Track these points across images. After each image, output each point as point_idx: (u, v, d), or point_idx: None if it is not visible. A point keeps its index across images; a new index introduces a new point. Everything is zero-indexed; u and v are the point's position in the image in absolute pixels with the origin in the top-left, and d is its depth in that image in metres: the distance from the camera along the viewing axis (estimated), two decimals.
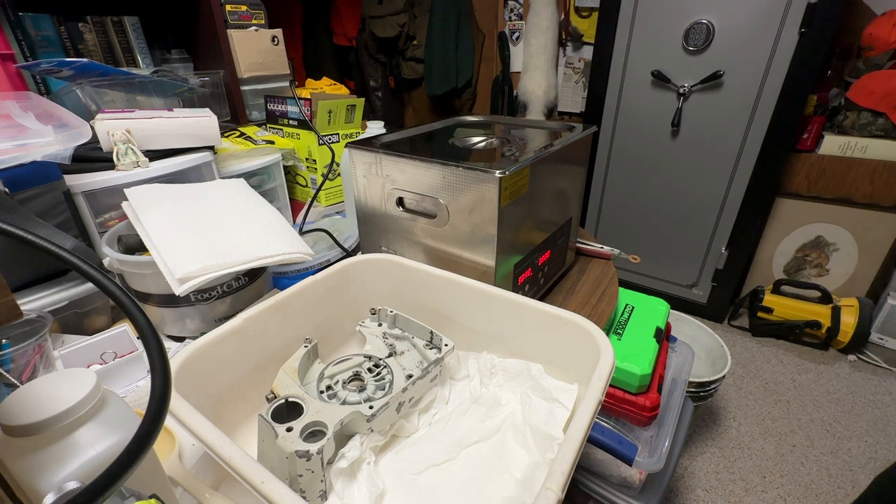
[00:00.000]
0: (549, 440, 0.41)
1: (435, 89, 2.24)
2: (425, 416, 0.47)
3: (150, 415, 0.21)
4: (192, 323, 0.60)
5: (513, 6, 2.13)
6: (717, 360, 1.42)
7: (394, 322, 0.55)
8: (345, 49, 2.34)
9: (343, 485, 0.38)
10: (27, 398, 0.24)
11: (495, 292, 0.49)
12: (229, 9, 1.14)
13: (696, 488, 1.28)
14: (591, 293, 0.76)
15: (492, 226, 0.54)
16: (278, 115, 1.03)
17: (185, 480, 0.39)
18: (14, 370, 0.46)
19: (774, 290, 1.84)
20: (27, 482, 0.22)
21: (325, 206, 1.03)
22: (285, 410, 0.40)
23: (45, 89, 0.94)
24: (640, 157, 1.89)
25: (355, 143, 0.64)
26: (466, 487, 0.40)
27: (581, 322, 0.44)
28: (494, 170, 0.51)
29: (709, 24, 1.57)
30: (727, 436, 1.43)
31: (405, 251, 0.65)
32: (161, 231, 0.54)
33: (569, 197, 0.73)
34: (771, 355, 1.76)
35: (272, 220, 0.63)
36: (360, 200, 0.67)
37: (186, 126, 0.72)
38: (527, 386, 0.48)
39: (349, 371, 0.48)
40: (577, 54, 2.03)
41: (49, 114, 0.62)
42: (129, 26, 1.08)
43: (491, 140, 0.71)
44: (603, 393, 0.36)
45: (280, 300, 0.48)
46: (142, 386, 0.54)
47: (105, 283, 0.21)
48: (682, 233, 1.91)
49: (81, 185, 0.62)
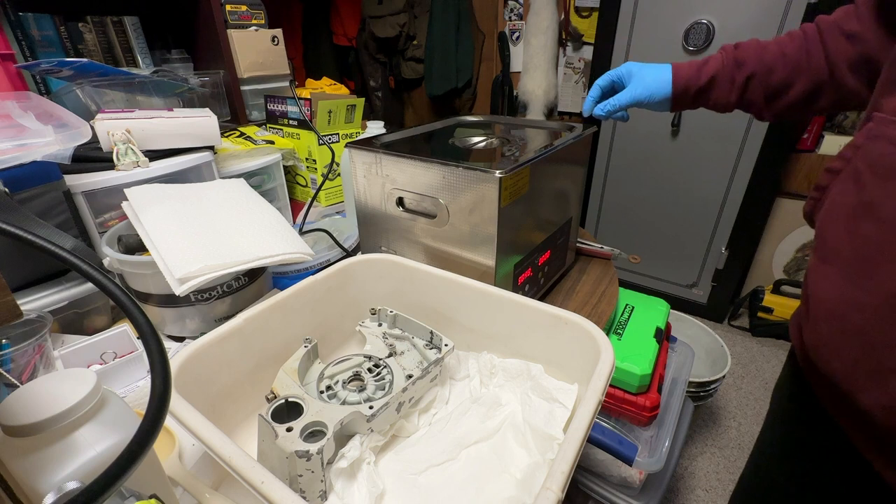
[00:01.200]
0: (549, 440, 0.41)
1: (435, 89, 2.23)
2: (425, 416, 0.47)
3: (150, 415, 0.21)
4: (192, 323, 0.60)
5: (513, 6, 2.12)
6: (717, 360, 1.42)
7: (394, 322, 0.54)
8: (345, 49, 2.33)
9: (343, 485, 0.38)
10: (27, 398, 0.24)
11: (495, 292, 0.49)
12: (229, 9, 1.14)
13: (696, 488, 1.28)
14: (591, 293, 0.76)
15: (492, 226, 0.54)
16: (278, 115, 1.03)
17: (185, 480, 0.38)
18: (14, 370, 0.46)
19: (774, 290, 1.84)
20: (27, 482, 0.22)
21: (325, 206, 1.03)
22: (285, 410, 0.40)
23: (45, 89, 0.94)
24: (640, 157, 1.89)
25: (355, 143, 0.64)
26: (466, 487, 0.40)
27: (581, 322, 0.44)
28: (494, 170, 0.51)
29: (709, 24, 1.57)
30: (727, 436, 1.43)
31: (405, 251, 0.65)
32: (161, 231, 0.54)
33: (569, 197, 0.73)
34: (771, 355, 1.76)
35: (272, 221, 0.63)
36: (360, 200, 0.67)
37: (186, 126, 0.72)
38: (527, 386, 0.48)
39: (349, 371, 0.48)
40: (577, 54, 2.03)
41: (49, 114, 0.62)
42: (129, 26, 1.08)
43: (491, 140, 0.71)
44: (603, 393, 0.36)
45: (280, 300, 0.48)
46: (142, 386, 0.54)
47: (105, 283, 0.21)
48: (682, 233, 1.91)
49: (81, 185, 0.62)
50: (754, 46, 0.57)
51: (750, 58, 0.57)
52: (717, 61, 0.59)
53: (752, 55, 0.57)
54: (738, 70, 0.58)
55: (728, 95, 0.60)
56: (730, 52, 0.59)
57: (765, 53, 0.56)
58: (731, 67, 0.58)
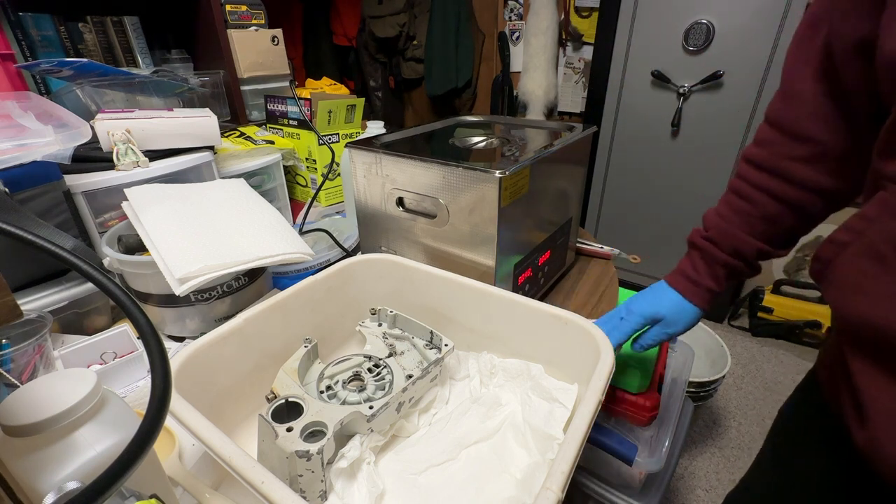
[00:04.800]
0: (549, 440, 0.41)
1: (435, 89, 2.23)
2: (425, 416, 0.47)
3: (150, 415, 0.21)
4: (192, 323, 0.60)
5: (513, 6, 2.12)
6: (717, 360, 1.42)
7: (394, 322, 0.54)
8: (345, 49, 2.33)
9: (343, 485, 0.38)
10: (27, 398, 0.24)
11: (495, 292, 0.49)
12: (229, 9, 1.14)
13: (696, 488, 1.28)
14: (591, 293, 0.76)
15: (492, 226, 0.54)
16: (278, 115, 1.03)
17: (185, 480, 0.39)
18: (14, 370, 0.46)
19: (774, 290, 1.84)
20: (27, 482, 0.22)
21: (325, 206, 1.03)
22: (285, 410, 0.40)
23: (45, 89, 0.94)
24: (640, 157, 1.89)
25: (355, 143, 0.64)
26: (466, 487, 0.40)
27: (581, 322, 0.44)
28: (494, 170, 0.51)
29: (709, 24, 1.57)
30: (727, 436, 1.43)
31: (405, 251, 0.65)
32: (161, 231, 0.54)
33: (569, 197, 0.73)
34: (771, 355, 1.76)
35: (272, 221, 0.63)
36: (360, 200, 0.67)
37: (186, 126, 0.72)
38: (527, 386, 0.48)
39: (349, 371, 0.48)
40: (577, 54, 2.03)
41: (49, 114, 0.62)
42: (129, 26, 1.08)
43: (491, 140, 0.71)
44: (603, 393, 0.36)
45: (280, 300, 0.48)
46: (142, 386, 0.54)
47: (105, 283, 0.21)
48: (682, 233, 1.90)
49: (81, 185, 0.62)
50: (726, 230, 0.50)
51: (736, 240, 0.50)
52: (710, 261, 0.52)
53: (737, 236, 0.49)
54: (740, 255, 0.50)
55: (748, 269, 0.52)
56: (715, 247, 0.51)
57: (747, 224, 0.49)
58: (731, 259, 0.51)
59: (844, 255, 0.36)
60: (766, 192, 0.47)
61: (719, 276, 0.52)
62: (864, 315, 0.34)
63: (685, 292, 0.54)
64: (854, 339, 0.36)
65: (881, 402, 0.34)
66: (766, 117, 0.47)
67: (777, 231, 0.48)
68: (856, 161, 0.41)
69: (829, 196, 0.45)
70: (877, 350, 0.34)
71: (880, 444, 0.35)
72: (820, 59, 0.40)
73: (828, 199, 0.45)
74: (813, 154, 0.43)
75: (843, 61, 0.38)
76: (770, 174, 0.46)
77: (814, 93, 0.41)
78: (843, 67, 0.38)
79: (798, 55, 0.43)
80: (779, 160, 0.46)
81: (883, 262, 0.32)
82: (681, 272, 0.56)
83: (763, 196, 0.47)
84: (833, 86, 0.40)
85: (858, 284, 0.34)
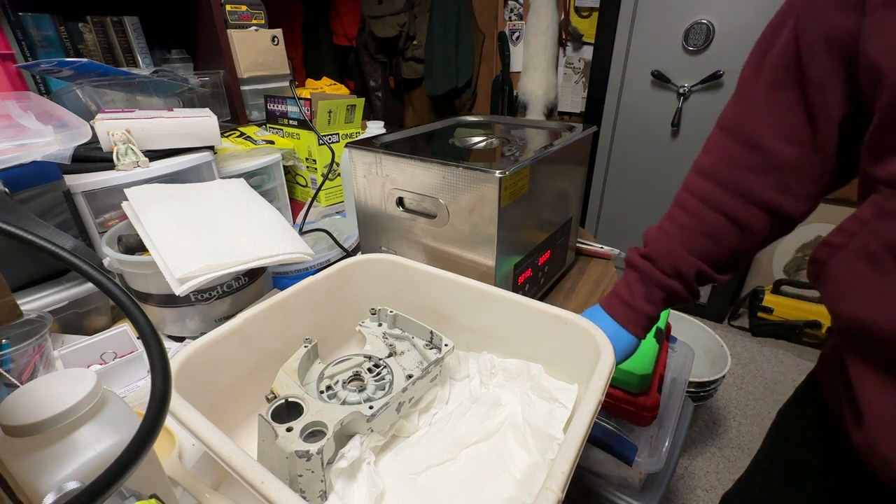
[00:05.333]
0: (549, 440, 0.41)
1: (435, 89, 2.23)
2: (425, 416, 0.47)
3: (150, 415, 0.21)
4: (192, 323, 0.60)
5: (513, 6, 2.12)
6: (717, 360, 1.42)
7: (394, 322, 0.54)
8: (345, 49, 2.33)
9: (343, 485, 0.38)
10: (27, 398, 0.24)
11: (495, 292, 0.49)
12: (229, 9, 1.14)
13: (696, 488, 1.28)
14: (591, 293, 0.76)
15: (492, 226, 0.54)
16: (278, 115, 1.03)
17: (185, 480, 0.39)
18: (14, 370, 0.46)
19: (774, 290, 1.84)
20: (27, 482, 0.22)
21: (325, 206, 1.03)
22: (285, 410, 0.40)
23: (45, 89, 0.94)
24: (640, 157, 1.89)
25: (355, 143, 0.64)
26: (466, 487, 0.40)
27: (581, 322, 0.44)
28: (494, 170, 0.51)
29: (709, 24, 1.57)
30: (727, 436, 1.43)
31: (405, 251, 0.65)
32: (161, 231, 0.54)
33: (569, 197, 0.73)
34: (771, 355, 1.76)
35: (272, 221, 0.63)
36: (360, 200, 0.67)
37: (186, 126, 0.72)
38: (527, 386, 0.48)
39: (349, 371, 0.48)
40: (577, 54, 2.03)
41: (49, 114, 0.62)
42: (129, 26, 1.08)
43: (491, 140, 0.71)
44: (603, 393, 0.36)
45: (280, 300, 0.48)
46: (142, 386, 0.54)
47: (105, 283, 0.21)
48: None
49: (81, 185, 0.62)
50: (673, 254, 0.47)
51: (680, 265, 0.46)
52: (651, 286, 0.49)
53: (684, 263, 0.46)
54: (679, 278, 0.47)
55: (687, 295, 0.49)
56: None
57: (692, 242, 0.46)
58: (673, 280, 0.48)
59: (838, 257, 0.36)
60: (710, 204, 0.44)
61: (655, 299, 0.49)
62: (858, 316, 0.34)
63: (619, 318, 0.50)
64: (849, 340, 0.36)
65: (875, 402, 0.34)
66: (717, 123, 0.45)
67: (719, 251, 0.45)
68: (806, 179, 0.40)
69: (776, 214, 0.42)
70: (870, 350, 0.34)
71: (875, 445, 0.35)
72: (782, 60, 0.39)
73: (774, 216, 0.43)
74: (762, 164, 0.41)
75: (811, 56, 0.36)
76: (716, 183, 0.44)
77: (767, 99, 0.40)
78: (809, 63, 0.37)
79: (756, 58, 0.42)
80: (726, 167, 0.43)
81: (876, 264, 0.32)
82: (615, 295, 0.51)
83: (706, 209, 0.45)
84: (791, 91, 0.38)
85: (852, 286, 0.34)
